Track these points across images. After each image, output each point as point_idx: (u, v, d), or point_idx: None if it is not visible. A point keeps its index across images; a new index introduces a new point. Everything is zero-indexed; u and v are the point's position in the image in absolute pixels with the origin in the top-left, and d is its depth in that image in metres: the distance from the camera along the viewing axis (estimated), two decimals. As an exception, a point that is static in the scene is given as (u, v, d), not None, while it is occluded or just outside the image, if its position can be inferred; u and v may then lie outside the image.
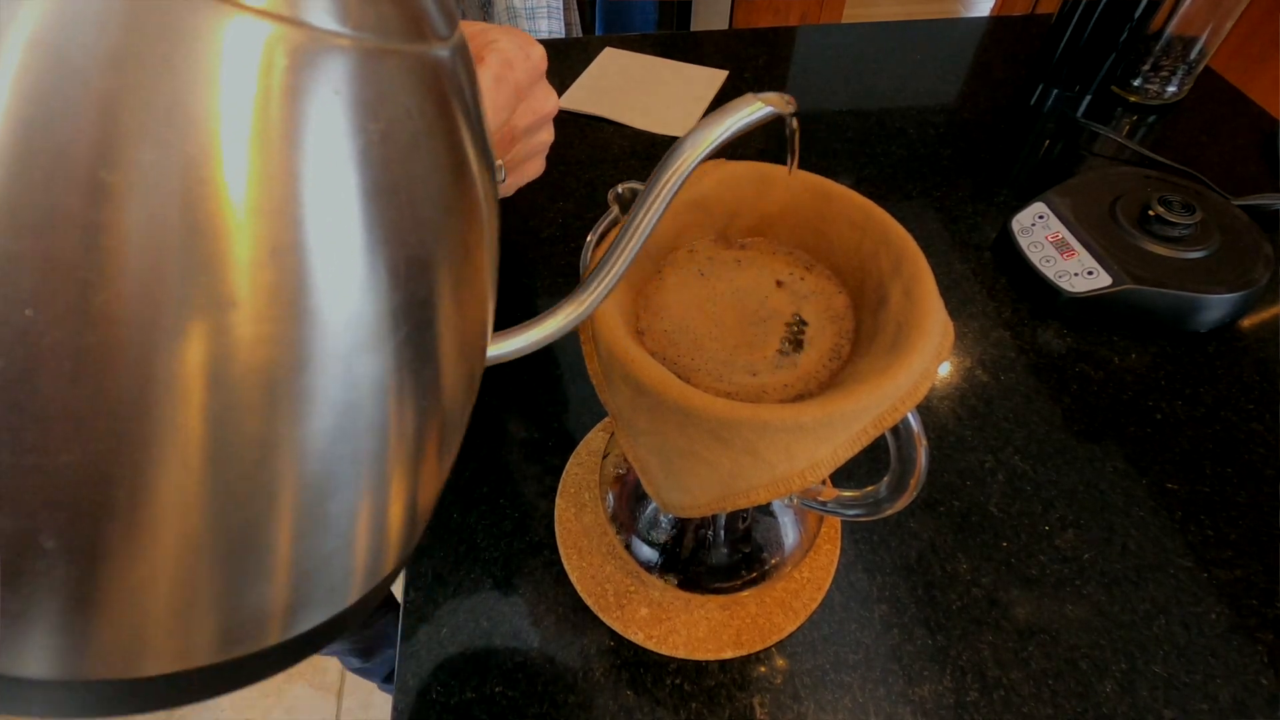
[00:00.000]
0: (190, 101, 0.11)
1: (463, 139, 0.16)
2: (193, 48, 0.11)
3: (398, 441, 0.16)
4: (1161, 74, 0.74)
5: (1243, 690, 0.37)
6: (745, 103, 0.21)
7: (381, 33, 0.13)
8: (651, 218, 0.21)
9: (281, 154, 0.12)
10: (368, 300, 0.14)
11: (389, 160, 0.14)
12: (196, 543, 0.14)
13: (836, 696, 0.37)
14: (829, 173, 0.29)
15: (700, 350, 0.27)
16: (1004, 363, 0.52)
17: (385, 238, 0.14)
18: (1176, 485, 0.45)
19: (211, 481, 0.13)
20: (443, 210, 0.15)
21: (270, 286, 0.12)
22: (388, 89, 0.13)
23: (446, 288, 0.16)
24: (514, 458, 0.47)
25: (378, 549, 0.18)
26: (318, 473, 0.15)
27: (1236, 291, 0.52)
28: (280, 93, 0.12)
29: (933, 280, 0.25)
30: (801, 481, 0.24)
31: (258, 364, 0.13)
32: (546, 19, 1.00)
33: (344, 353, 0.14)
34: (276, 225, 0.12)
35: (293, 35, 0.12)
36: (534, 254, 0.60)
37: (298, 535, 0.15)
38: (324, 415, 0.14)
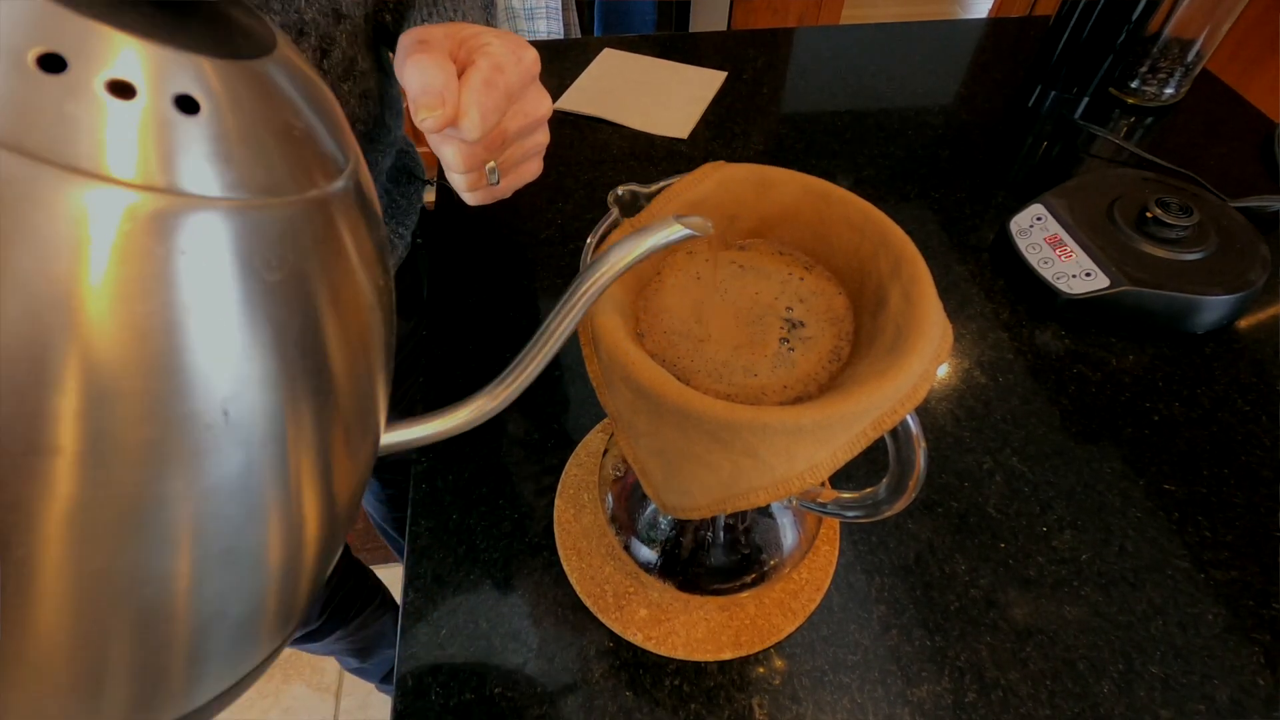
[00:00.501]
0: (42, 268, 0.11)
1: (351, 260, 0.16)
2: (46, 218, 0.11)
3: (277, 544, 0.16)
4: (1159, 76, 0.74)
5: (1239, 691, 0.37)
6: (666, 224, 0.21)
7: (260, 190, 0.13)
8: (567, 326, 0.21)
9: (140, 309, 0.12)
10: (242, 426, 0.14)
11: (264, 302, 0.13)
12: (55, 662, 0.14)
13: (835, 697, 0.37)
14: (828, 174, 0.29)
15: (700, 352, 0.27)
16: (1002, 364, 0.52)
17: (260, 369, 0.14)
18: (1174, 486, 0.45)
19: (66, 607, 0.13)
20: (318, 335, 0.15)
21: (123, 429, 0.12)
22: (263, 240, 0.13)
23: (327, 405, 0.16)
24: (513, 459, 0.47)
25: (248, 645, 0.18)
26: (186, 588, 0.15)
27: (1233, 293, 0.52)
28: (140, 254, 0.12)
29: (931, 282, 0.25)
30: (801, 483, 0.25)
31: (114, 502, 0.13)
32: (545, 20, 1.01)
33: (210, 482, 0.14)
34: (133, 374, 0.12)
35: (150, 202, 0.12)
36: (533, 255, 0.60)
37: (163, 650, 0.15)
38: (191, 537, 0.14)
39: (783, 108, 0.77)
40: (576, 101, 0.75)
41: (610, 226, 0.29)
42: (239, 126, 0.13)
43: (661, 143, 0.72)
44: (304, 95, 0.15)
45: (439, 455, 0.47)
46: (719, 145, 0.71)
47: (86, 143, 0.11)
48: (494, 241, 0.61)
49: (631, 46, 0.84)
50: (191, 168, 0.12)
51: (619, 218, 0.28)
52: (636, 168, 0.69)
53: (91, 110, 0.11)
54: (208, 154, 0.12)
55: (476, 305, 0.56)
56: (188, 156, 0.12)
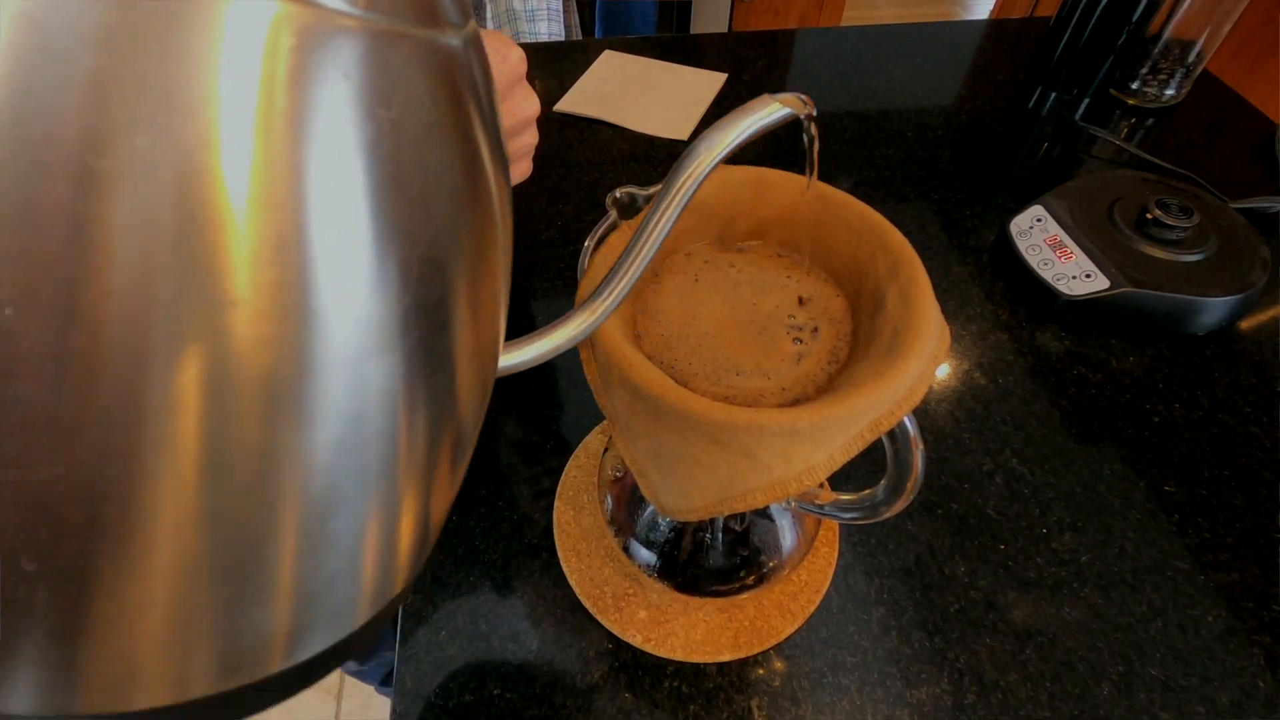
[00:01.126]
0: (188, 85, 0.10)
1: (476, 133, 0.15)
2: (192, 27, 0.10)
3: (408, 454, 0.15)
4: (1160, 77, 0.74)
5: (1240, 693, 0.37)
6: (762, 104, 0.20)
7: (392, 15, 0.12)
8: (666, 222, 0.20)
9: (286, 142, 0.11)
10: (378, 302, 0.13)
11: (401, 152, 0.13)
12: (192, 564, 0.13)
13: (835, 699, 0.37)
14: (827, 176, 0.29)
15: (698, 354, 0.27)
16: (1002, 365, 0.52)
17: (396, 235, 0.13)
18: (1174, 488, 0.45)
19: (209, 497, 0.12)
20: (457, 208, 0.14)
21: (273, 285, 0.11)
22: (399, 75, 0.12)
23: (460, 290, 0.15)
24: (513, 460, 0.47)
25: (386, 568, 0.17)
26: (324, 487, 0.14)
27: (1234, 294, 0.52)
28: (285, 76, 0.11)
29: (929, 285, 0.25)
30: (799, 485, 0.25)
31: (259, 369, 0.12)
32: (546, 21, 1.01)
33: (352, 358, 0.13)
34: (280, 219, 0.11)
35: (299, 14, 0.11)
36: (532, 257, 0.60)
37: (302, 555, 0.14)
38: (330, 425, 0.13)
39: (783, 109, 0.77)
40: (577, 103, 0.75)
41: (608, 229, 0.29)
42: None
43: (662, 144, 0.72)
44: None
45: (439, 457, 0.47)
46: (719, 147, 0.71)
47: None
48: (494, 243, 0.61)
49: (632, 48, 0.84)
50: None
51: (617, 220, 0.28)
52: (637, 169, 0.69)
53: None
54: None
55: (476, 307, 0.56)
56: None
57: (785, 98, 0.20)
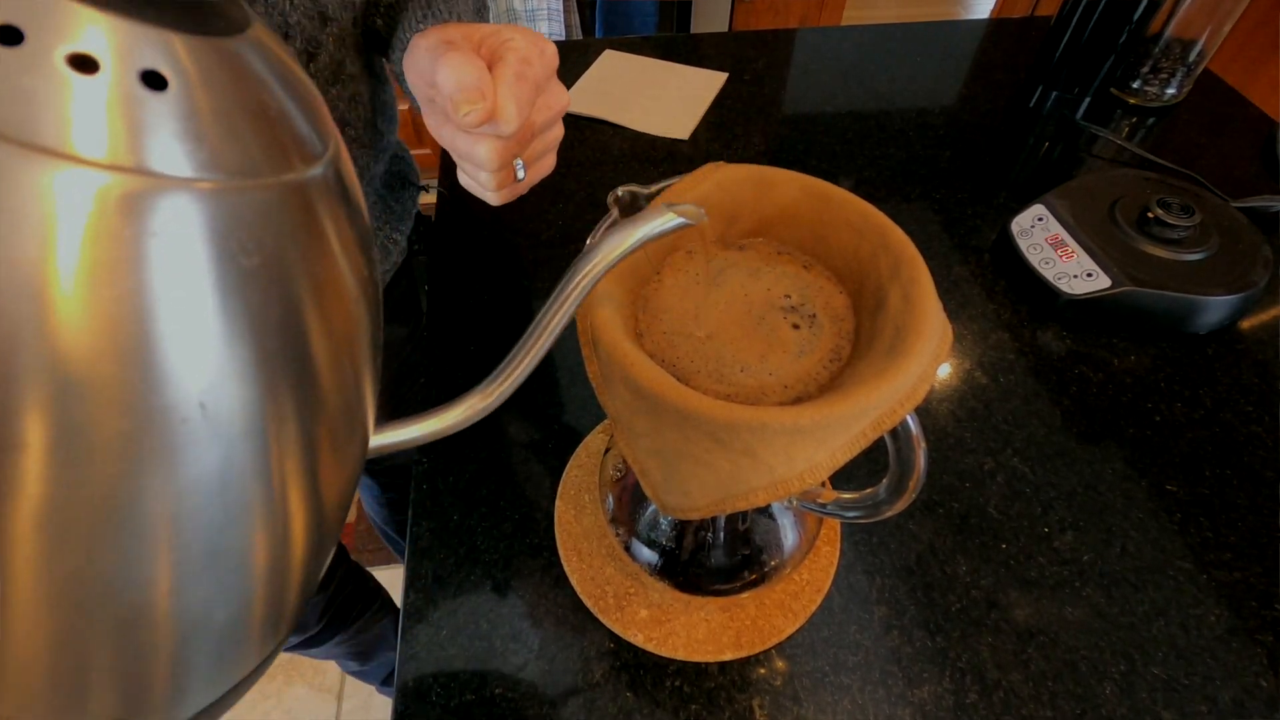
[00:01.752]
0: (16, 256, 0.10)
1: (332, 248, 0.15)
2: (18, 199, 0.10)
3: (262, 547, 0.16)
4: (1160, 76, 0.74)
5: (1242, 692, 0.37)
6: (659, 213, 0.20)
7: (231, 171, 0.13)
8: (562, 317, 0.21)
9: (112, 295, 0.11)
10: (220, 421, 0.13)
11: (240, 288, 0.13)
12: (35, 676, 0.13)
13: (836, 698, 0.37)
14: (828, 175, 0.29)
15: (699, 352, 0.27)
16: (1003, 365, 0.52)
17: (237, 359, 0.13)
18: (1176, 487, 0.45)
19: (44, 614, 0.13)
20: (299, 325, 0.15)
21: (97, 422, 0.12)
22: (237, 223, 0.13)
23: (317, 398, 0.16)
24: (514, 460, 0.47)
25: (235, 653, 0.17)
26: (166, 596, 0.14)
27: (1235, 293, 0.52)
28: (113, 239, 0.11)
29: (931, 283, 0.25)
30: (800, 484, 0.25)
31: (91, 500, 0.12)
32: (547, 21, 1.01)
33: (190, 476, 0.13)
34: (106, 362, 0.12)
35: (128, 183, 0.11)
36: (534, 256, 0.60)
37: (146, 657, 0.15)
38: (168, 541, 0.14)
39: (783, 109, 0.77)
40: (578, 103, 0.75)
41: (610, 227, 0.29)
42: (210, 105, 0.12)
43: (662, 144, 0.72)
44: (279, 77, 0.14)
45: (440, 456, 0.47)
46: (720, 146, 0.71)
47: (48, 120, 0.10)
48: (495, 243, 0.61)
49: (633, 48, 0.84)
50: (160, 147, 0.12)
51: (619, 219, 0.28)
52: (637, 169, 0.69)
53: (52, 85, 0.11)
54: (177, 132, 0.12)
55: (478, 307, 0.56)
56: (156, 135, 0.11)
57: (681, 209, 0.21)
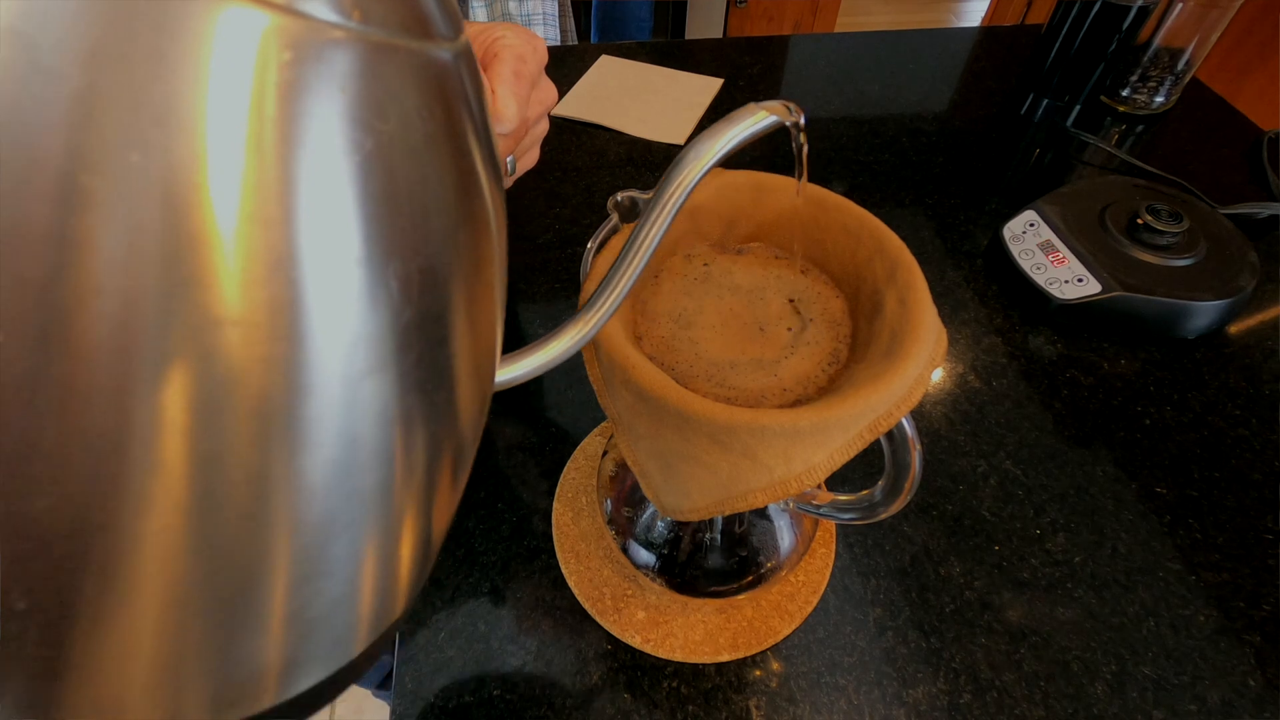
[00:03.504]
0: (179, 100, 0.10)
1: (471, 146, 0.15)
2: (182, 40, 0.10)
3: (407, 475, 0.15)
4: (1149, 84, 0.75)
5: (1231, 691, 0.38)
6: (748, 112, 0.20)
7: (386, 27, 0.12)
8: (657, 231, 0.20)
9: (280, 157, 0.11)
10: (375, 319, 0.13)
11: (397, 165, 0.12)
12: (185, 596, 0.12)
13: (832, 699, 0.38)
14: (823, 181, 0.30)
15: (699, 355, 0.27)
16: (996, 368, 0.53)
17: (393, 250, 0.13)
18: (1165, 489, 0.46)
19: (203, 526, 0.12)
20: (453, 222, 0.14)
21: (268, 303, 0.11)
22: (394, 88, 0.12)
23: (458, 305, 0.15)
24: (511, 462, 0.47)
25: (386, 593, 0.16)
26: (321, 513, 0.13)
27: (1223, 299, 0.52)
28: (278, 90, 0.10)
29: (926, 288, 0.26)
30: (798, 485, 0.25)
31: (254, 392, 0.11)
32: (543, 26, 1.01)
33: (350, 377, 0.12)
34: (274, 236, 0.11)
35: (292, 27, 0.11)
36: (531, 260, 0.60)
37: (298, 584, 0.14)
38: (327, 448, 0.13)
39: (778, 114, 0.77)
40: (574, 108, 0.76)
41: (610, 232, 0.29)
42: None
43: (659, 148, 0.72)
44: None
45: (437, 459, 0.47)
46: (715, 151, 0.72)
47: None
48: (492, 246, 0.62)
49: (628, 53, 0.84)
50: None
51: (619, 224, 0.29)
52: (634, 173, 0.69)
53: None
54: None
55: (475, 310, 0.56)
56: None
57: (772, 105, 0.20)
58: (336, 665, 0.16)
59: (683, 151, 0.20)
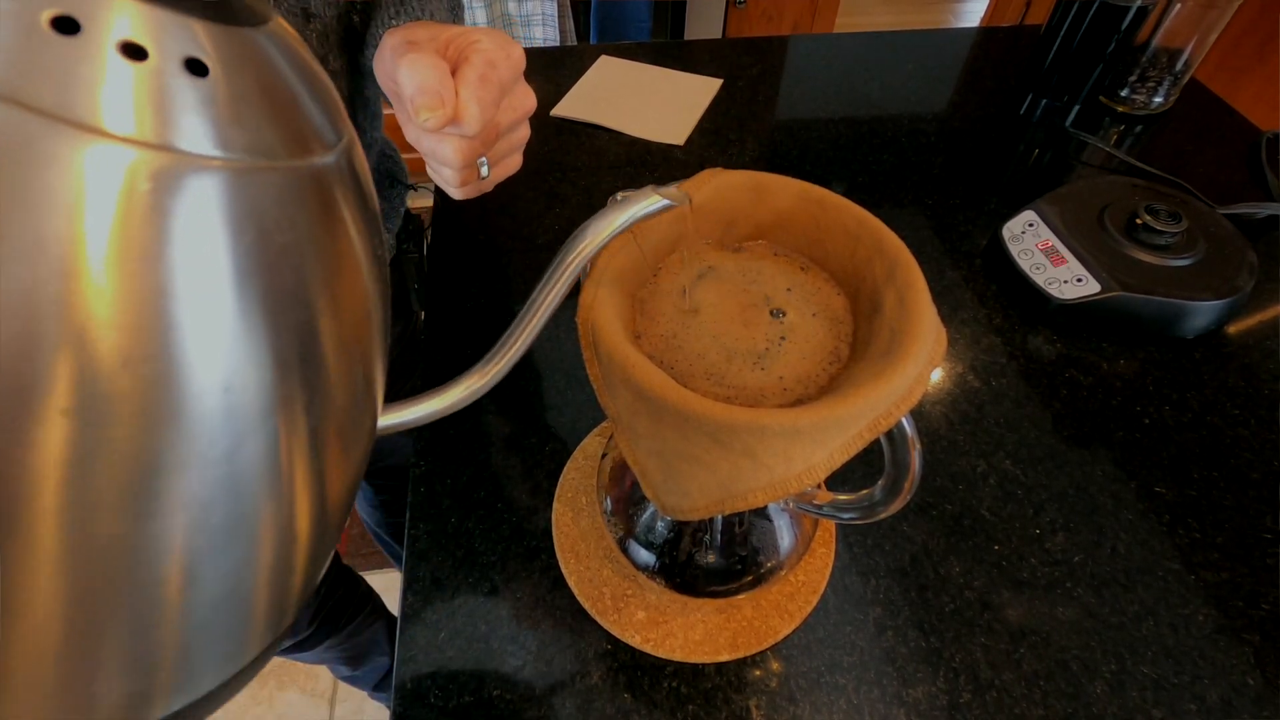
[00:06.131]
0: (44, 228, 0.11)
1: (347, 234, 0.16)
2: (51, 175, 0.11)
3: (276, 526, 0.16)
4: (1148, 85, 0.75)
5: (1230, 690, 0.38)
6: (645, 195, 0.21)
7: (255, 153, 0.13)
8: (553, 298, 0.21)
9: (140, 272, 0.12)
10: (243, 396, 0.14)
11: (262, 270, 0.14)
12: (51, 643, 0.14)
13: (832, 698, 0.38)
14: (822, 181, 0.30)
15: (698, 354, 0.27)
16: (995, 368, 0.53)
17: (257, 341, 0.14)
18: (1164, 489, 0.46)
19: (63, 582, 0.13)
20: (321, 309, 0.15)
21: (124, 395, 0.12)
22: (261, 204, 0.14)
23: (328, 374, 0.16)
24: (511, 462, 0.47)
25: (240, 637, 0.18)
26: (180, 568, 0.15)
27: (1222, 298, 0.52)
28: (143, 214, 0.12)
29: (925, 288, 0.26)
30: (798, 484, 0.25)
31: (109, 469, 0.13)
32: (542, 26, 1.01)
33: (206, 454, 0.14)
34: (131, 338, 0.12)
35: (155, 160, 0.12)
36: (530, 260, 0.60)
37: (152, 631, 0.15)
38: (182, 514, 0.14)
39: (778, 115, 0.78)
40: (573, 108, 0.76)
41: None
42: (243, 91, 0.13)
43: (658, 149, 0.72)
44: (298, 68, 0.15)
45: (438, 459, 0.47)
46: (715, 152, 0.72)
47: (100, 103, 0.11)
48: (492, 246, 0.62)
49: (628, 54, 0.84)
50: (199, 129, 0.12)
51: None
52: (633, 174, 0.69)
53: (105, 71, 0.11)
54: (215, 116, 0.12)
55: (474, 311, 0.56)
56: (196, 118, 0.12)
57: (666, 191, 0.21)
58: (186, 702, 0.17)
59: (581, 226, 0.21)
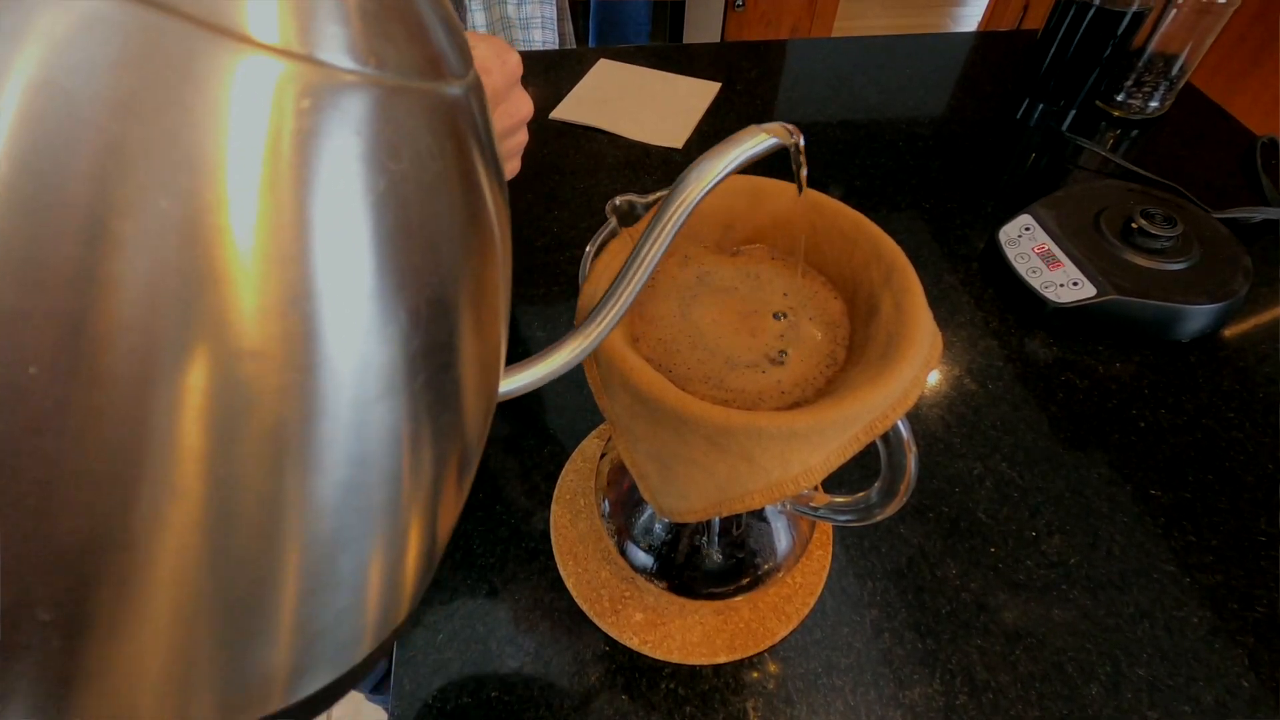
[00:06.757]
0: (202, 145, 0.10)
1: (479, 177, 0.15)
2: (205, 89, 0.10)
3: (413, 490, 0.16)
4: (1144, 89, 0.76)
5: (1225, 692, 0.38)
6: (749, 134, 0.20)
7: (399, 71, 0.13)
8: (660, 246, 0.20)
9: (297, 199, 0.11)
10: (385, 347, 0.13)
11: (408, 202, 0.13)
12: (199, 607, 0.13)
13: (829, 700, 0.38)
14: (820, 184, 0.30)
15: (696, 357, 0.27)
16: (992, 372, 0.53)
17: (404, 282, 0.13)
18: (1159, 492, 0.46)
19: (217, 542, 0.12)
20: (461, 252, 0.15)
21: (284, 336, 0.12)
22: (406, 129, 0.13)
23: (465, 329, 0.16)
24: (510, 464, 0.47)
25: (390, 601, 0.17)
26: (330, 529, 0.14)
27: (1217, 302, 0.53)
28: (295, 134, 0.11)
29: (922, 292, 0.26)
30: (795, 487, 0.25)
31: (269, 418, 0.12)
32: (541, 29, 1.02)
33: (360, 402, 0.13)
34: (291, 273, 0.12)
35: (308, 74, 0.11)
36: (529, 262, 0.61)
37: (307, 596, 0.14)
38: (337, 468, 0.13)
39: (776, 118, 0.78)
40: (572, 111, 0.76)
41: (609, 236, 0.29)
42: (385, 4, 0.12)
43: (656, 152, 0.72)
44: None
45: (436, 461, 0.47)
46: (713, 155, 0.72)
47: (248, 10, 0.11)
48: (490, 249, 0.62)
49: (626, 57, 0.85)
50: (347, 41, 0.12)
51: (617, 227, 0.29)
52: (631, 177, 0.69)
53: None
54: (362, 29, 0.12)
55: (473, 312, 0.56)
56: (342, 29, 0.12)
57: (772, 127, 0.20)
58: (340, 670, 0.16)
59: (686, 171, 0.20)
